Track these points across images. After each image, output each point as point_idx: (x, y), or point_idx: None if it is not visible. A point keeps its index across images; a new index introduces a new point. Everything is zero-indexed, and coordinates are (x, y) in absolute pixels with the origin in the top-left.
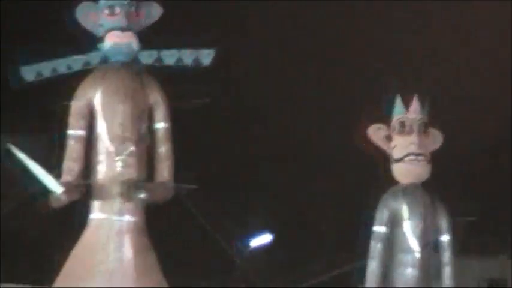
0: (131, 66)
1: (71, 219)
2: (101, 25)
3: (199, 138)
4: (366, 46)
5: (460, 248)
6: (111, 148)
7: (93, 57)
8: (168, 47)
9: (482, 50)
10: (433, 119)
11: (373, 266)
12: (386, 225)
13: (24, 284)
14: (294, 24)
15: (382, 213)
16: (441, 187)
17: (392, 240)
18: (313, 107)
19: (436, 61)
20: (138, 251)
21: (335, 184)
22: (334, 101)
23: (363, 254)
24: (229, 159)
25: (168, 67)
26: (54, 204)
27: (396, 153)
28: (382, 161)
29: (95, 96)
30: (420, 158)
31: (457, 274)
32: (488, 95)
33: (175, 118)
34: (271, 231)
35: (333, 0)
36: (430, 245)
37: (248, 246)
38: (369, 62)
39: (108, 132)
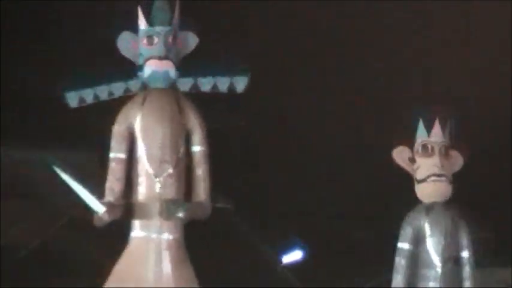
0: (169, 92)
1: (111, 237)
2: (140, 54)
3: (233, 157)
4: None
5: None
6: (151, 170)
7: (134, 84)
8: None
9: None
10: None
11: (397, 280)
12: (410, 242)
13: None
14: (322, 43)
15: (406, 231)
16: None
17: (415, 256)
18: (345, 125)
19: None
20: (176, 266)
21: (369, 201)
22: (368, 122)
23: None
24: (262, 178)
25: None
26: (97, 223)
27: (419, 174)
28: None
29: (135, 121)
30: (442, 178)
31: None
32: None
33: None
34: (307, 247)
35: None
36: (452, 261)
37: (281, 261)
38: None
39: (147, 154)
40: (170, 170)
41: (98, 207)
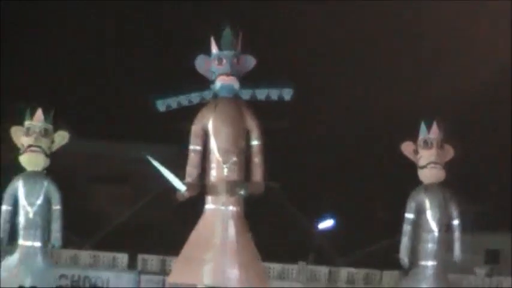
0: (234, 100)
1: (190, 209)
2: (212, 71)
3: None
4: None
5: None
6: (220, 158)
7: (207, 94)
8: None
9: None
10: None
11: (404, 242)
12: (414, 213)
13: (158, 254)
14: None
15: (411, 205)
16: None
17: (418, 224)
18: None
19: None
20: (238, 232)
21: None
22: (382, 123)
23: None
24: (301, 165)
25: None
26: (179, 198)
27: (421, 162)
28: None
29: (209, 122)
30: (438, 166)
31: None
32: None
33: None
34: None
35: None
36: (445, 227)
37: (317, 227)
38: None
39: (217, 147)
40: (234, 159)
41: (180, 186)
